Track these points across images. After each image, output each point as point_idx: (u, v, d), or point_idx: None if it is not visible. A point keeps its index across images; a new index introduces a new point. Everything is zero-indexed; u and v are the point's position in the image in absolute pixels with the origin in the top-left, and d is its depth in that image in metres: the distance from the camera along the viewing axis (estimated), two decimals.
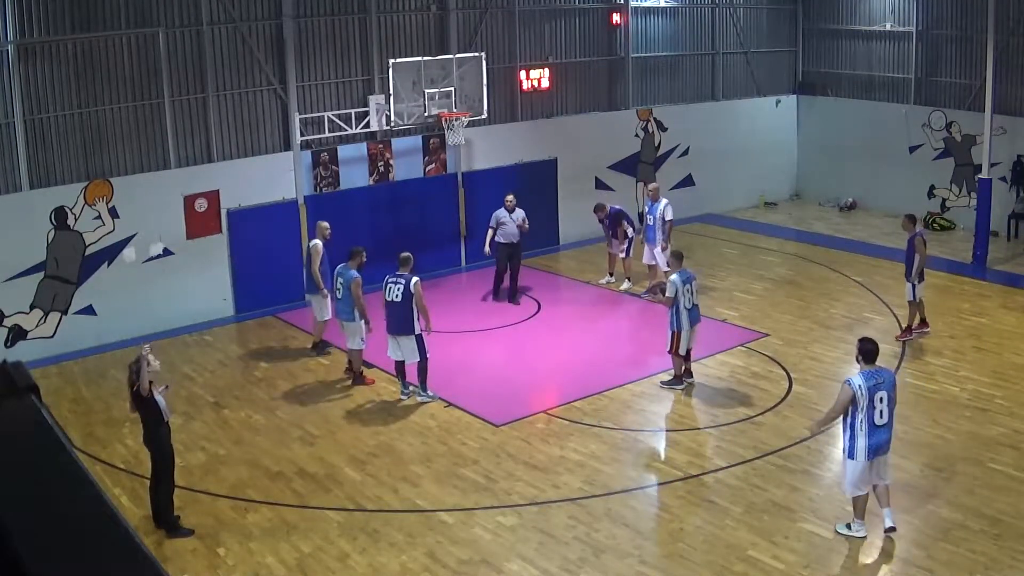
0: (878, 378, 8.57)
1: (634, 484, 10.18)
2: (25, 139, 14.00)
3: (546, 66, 19.34)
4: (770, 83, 23.06)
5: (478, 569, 8.58)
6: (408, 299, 11.84)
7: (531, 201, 19.21)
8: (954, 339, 13.98)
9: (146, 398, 9.03)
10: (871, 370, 8.62)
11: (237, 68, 15.88)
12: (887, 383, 8.59)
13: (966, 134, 20.12)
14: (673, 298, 12.00)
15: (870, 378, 8.53)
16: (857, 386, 8.46)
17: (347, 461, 10.79)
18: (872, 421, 8.46)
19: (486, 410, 11.99)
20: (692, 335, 12.28)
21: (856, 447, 8.52)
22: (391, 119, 16.44)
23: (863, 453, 8.50)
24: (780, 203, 23.12)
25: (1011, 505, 9.30)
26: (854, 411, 8.48)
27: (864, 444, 8.49)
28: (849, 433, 8.57)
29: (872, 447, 8.51)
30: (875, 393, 8.46)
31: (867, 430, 8.47)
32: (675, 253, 12.63)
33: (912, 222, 14.06)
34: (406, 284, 11.85)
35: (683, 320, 12.05)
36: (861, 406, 8.44)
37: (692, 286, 12.22)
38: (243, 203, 15.96)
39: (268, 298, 16.16)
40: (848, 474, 8.74)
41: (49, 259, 14.25)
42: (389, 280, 12.05)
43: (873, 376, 8.56)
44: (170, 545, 9.06)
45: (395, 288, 11.94)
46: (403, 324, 11.95)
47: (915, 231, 13.91)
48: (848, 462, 8.67)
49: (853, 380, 8.54)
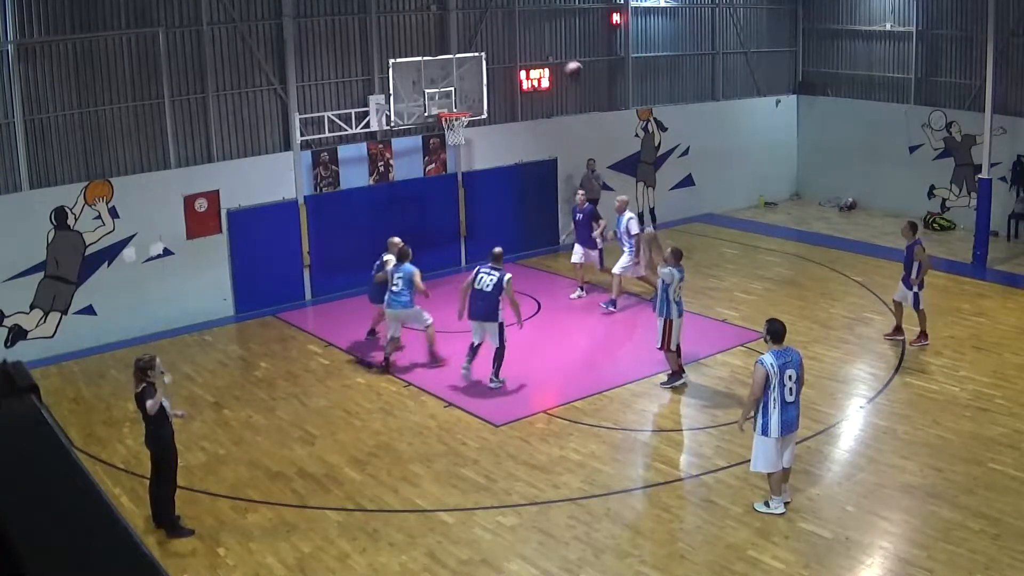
0: (786, 357, 9.03)
1: (634, 484, 10.18)
2: (25, 139, 13.99)
3: (546, 66, 19.35)
4: (770, 83, 23.07)
5: (478, 569, 8.57)
6: (498, 291, 12.71)
7: (531, 201, 19.28)
8: (954, 339, 13.97)
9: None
10: (779, 349, 9.07)
11: (237, 68, 15.88)
12: (794, 362, 9.06)
13: (966, 134, 20.12)
14: (668, 284, 12.04)
15: (779, 357, 8.98)
16: (769, 364, 8.91)
17: (347, 461, 10.79)
18: (783, 398, 8.92)
19: (486, 410, 12.00)
20: (682, 328, 12.38)
21: (770, 424, 8.96)
22: (391, 119, 16.44)
23: (776, 429, 8.95)
24: (780, 203, 23.12)
25: (1011, 505, 9.30)
26: (766, 389, 8.92)
27: (777, 421, 8.94)
28: (762, 411, 8.99)
29: (784, 423, 8.97)
30: (785, 371, 8.93)
31: (779, 407, 8.92)
32: (674, 250, 12.55)
33: (913, 230, 13.97)
34: (499, 278, 12.74)
35: (673, 310, 12.11)
36: (773, 384, 8.88)
37: (682, 285, 12.36)
38: (243, 203, 15.96)
39: (268, 298, 16.16)
40: (760, 452, 9.14)
41: (49, 259, 14.25)
42: (482, 270, 12.89)
43: (782, 355, 9.02)
44: (170, 545, 9.05)
45: (488, 279, 12.79)
46: (490, 312, 12.78)
47: (915, 239, 13.83)
48: (760, 439, 9.08)
49: (764, 359, 9.00)
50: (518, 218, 19.20)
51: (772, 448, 9.04)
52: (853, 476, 9.99)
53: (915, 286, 13.61)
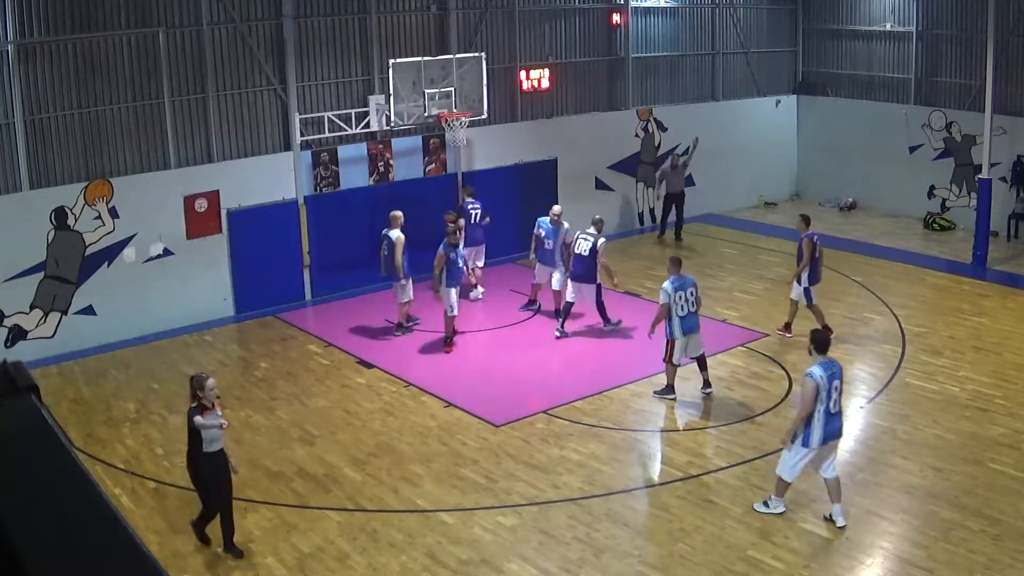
0: (832, 368, 8.82)
1: (634, 484, 10.18)
2: (25, 139, 13.99)
3: (546, 66, 19.34)
4: (770, 83, 23.06)
5: (478, 569, 8.58)
6: (593, 254, 13.84)
7: (531, 201, 19.26)
8: (954, 339, 13.97)
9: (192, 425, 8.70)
10: (826, 360, 8.83)
11: (237, 68, 15.88)
12: (839, 372, 8.88)
13: (966, 134, 20.12)
14: (667, 306, 11.72)
15: (827, 368, 8.76)
16: (819, 376, 8.68)
17: (347, 461, 10.79)
18: (828, 410, 8.71)
19: (486, 410, 12.00)
20: (691, 343, 11.91)
21: (812, 436, 8.75)
22: (391, 119, 16.44)
23: (817, 441, 8.76)
24: (780, 203, 23.11)
25: (1011, 505, 9.30)
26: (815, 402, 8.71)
27: (820, 433, 8.74)
28: (805, 422, 8.76)
29: (827, 434, 8.79)
30: (832, 382, 8.72)
31: (824, 419, 8.71)
32: (673, 259, 12.22)
33: (806, 223, 14.01)
34: (594, 242, 13.88)
35: (675, 328, 11.73)
36: (821, 396, 8.65)
37: (687, 293, 11.80)
38: (243, 203, 15.96)
39: (268, 298, 16.15)
40: (791, 459, 8.92)
41: (49, 259, 14.24)
42: (580, 235, 14.15)
43: (828, 366, 8.79)
44: (170, 545, 9.06)
45: (584, 243, 13.99)
46: (586, 274, 13.96)
47: (807, 232, 13.86)
48: (797, 448, 8.86)
49: (814, 372, 8.74)
50: (518, 218, 19.18)
51: (808, 458, 8.81)
52: (853, 476, 9.98)
53: (799, 280, 13.75)
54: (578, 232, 14.21)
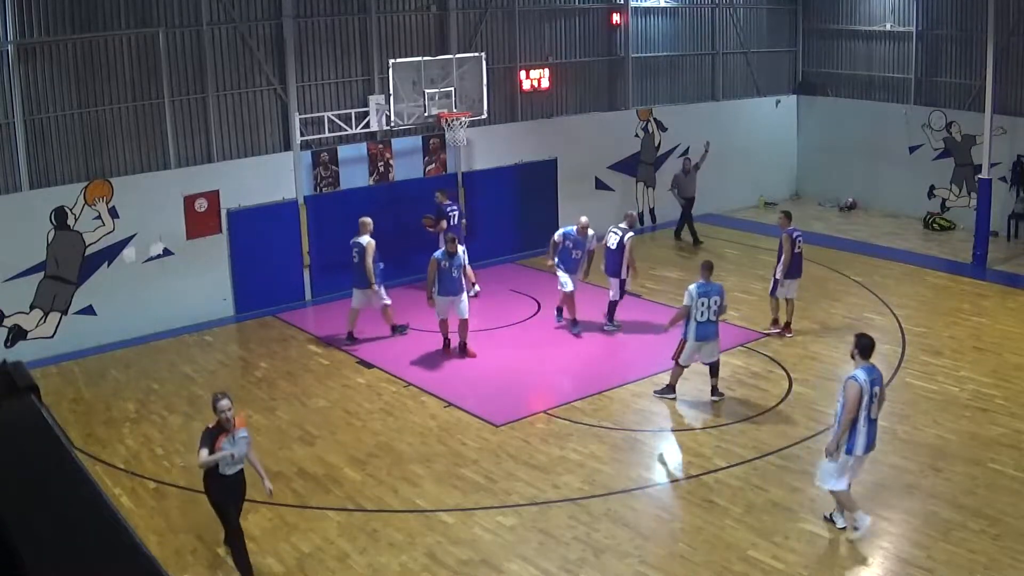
0: (874, 372, 8.61)
1: (634, 484, 10.17)
2: (25, 139, 13.99)
3: (546, 66, 19.34)
4: (770, 83, 23.07)
5: (478, 569, 8.57)
6: (621, 249, 14.03)
7: (531, 201, 19.28)
8: (954, 339, 13.97)
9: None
10: (868, 365, 8.63)
11: (237, 68, 15.88)
12: (880, 378, 8.68)
13: (966, 134, 20.12)
14: (688, 307, 11.69)
15: (869, 373, 8.55)
16: (863, 381, 8.44)
17: (347, 461, 10.79)
18: (870, 415, 8.52)
19: (486, 410, 12.00)
20: (704, 349, 11.80)
21: (856, 443, 8.52)
22: (391, 119, 16.44)
23: (862, 447, 8.55)
24: (780, 203, 23.09)
25: (1011, 505, 9.30)
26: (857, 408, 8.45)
27: (864, 439, 8.52)
28: (850, 430, 8.50)
29: (870, 442, 8.59)
30: (873, 387, 8.51)
31: (867, 425, 8.51)
32: (705, 263, 12.17)
33: (788, 219, 14.41)
34: (622, 236, 14.07)
35: (690, 332, 11.71)
36: (863, 402, 8.44)
37: (711, 301, 11.66)
38: (243, 203, 15.96)
39: (268, 298, 16.16)
40: (835, 469, 8.62)
41: (49, 259, 14.25)
42: (610, 229, 14.37)
43: (871, 371, 8.59)
44: (170, 545, 9.06)
45: (613, 238, 14.20)
46: (612, 268, 14.23)
47: (787, 228, 14.20)
48: (843, 456, 8.57)
49: (858, 376, 8.50)
50: (518, 218, 19.20)
51: (851, 466, 8.59)
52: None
53: (778, 275, 14.06)
54: (609, 227, 14.50)
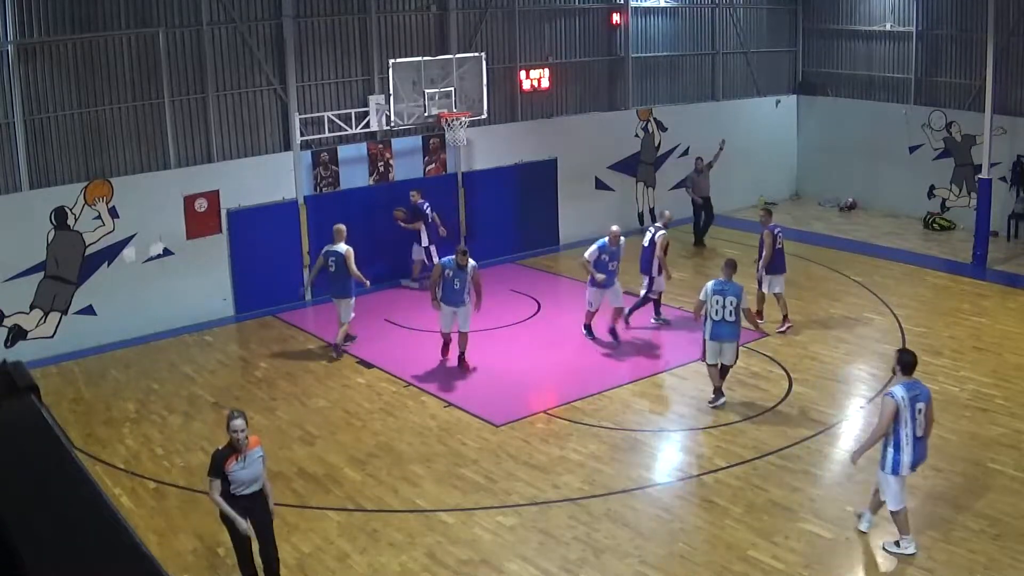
0: (916, 389, 8.39)
1: (634, 484, 10.17)
2: (25, 139, 13.99)
3: (546, 66, 19.34)
4: (770, 83, 23.06)
5: (478, 569, 8.57)
6: (652, 246, 14.41)
7: (531, 201, 19.28)
8: (954, 339, 13.97)
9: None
10: (910, 381, 8.42)
11: (237, 68, 15.88)
12: (924, 395, 8.42)
13: (966, 134, 20.12)
14: (702, 303, 11.65)
15: (910, 389, 8.35)
16: (900, 397, 8.24)
17: (347, 461, 10.79)
18: (915, 433, 8.30)
19: (486, 410, 12.00)
20: (720, 350, 11.65)
21: (901, 461, 8.33)
22: (391, 119, 16.45)
23: (908, 467, 8.36)
24: (780, 203, 23.10)
25: (1011, 505, 9.30)
26: (898, 425, 8.27)
27: (908, 459, 8.33)
28: (894, 448, 8.34)
29: (916, 461, 8.39)
30: (915, 404, 8.29)
31: (912, 443, 8.30)
32: (728, 261, 12.03)
33: (769, 215, 14.84)
34: (653, 234, 14.51)
35: (705, 329, 11.67)
36: (905, 419, 8.24)
37: (726, 301, 11.49)
38: (243, 203, 15.96)
39: (268, 298, 16.15)
40: (892, 489, 8.46)
41: (49, 259, 14.25)
42: (647, 227, 15.02)
43: (912, 387, 8.38)
44: (170, 545, 9.06)
45: (648, 235, 14.64)
46: (644, 264, 14.55)
47: (768, 224, 14.57)
48: (890, 478, 8.42)
49: (895, 392, 8.31)
50: (518, 218, 19.21)
51: (902, 485, 8.45)
52: (853, 476, 9.97)
53: (761, 271, 14.32)
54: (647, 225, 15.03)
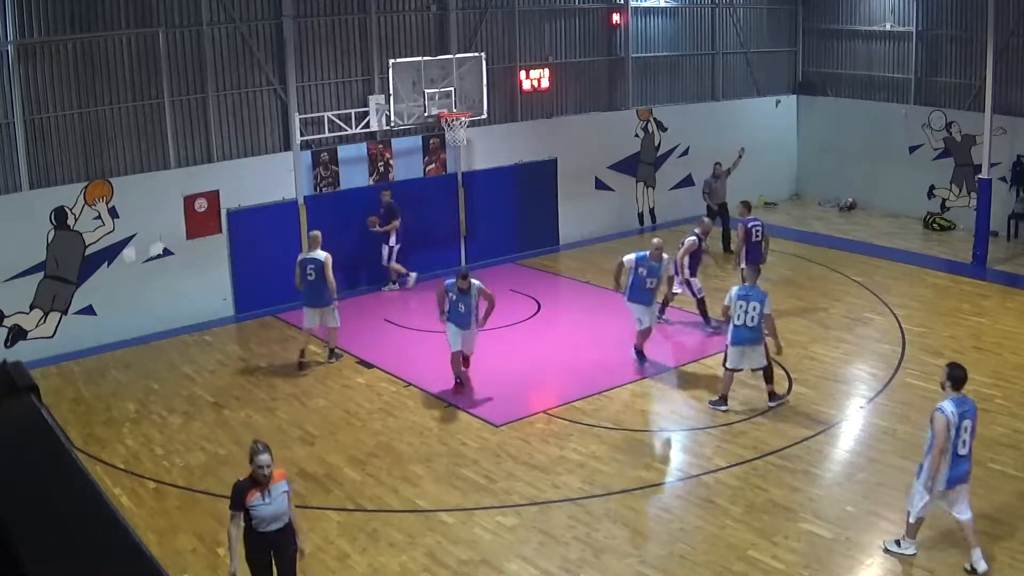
0: (964, 405, 8.19)
1: (634, 484, 10.17)
2: (25, 139, 14.00)
3: (546, 66, 19.34)
4: (770, 83, 23.07)
5: (478, 569, 8.57)
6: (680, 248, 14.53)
7: (531, 201, 19.28)
8: (954, 339, 13.97)
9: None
10: (958, 397, 8.22)
11: (237, 68, 15.88)
12: (971, 411, 8.23)
13: (966, 134, 20.12)
14: (727, 308, 11.62)
15: (959, 405, 8.15)
16: (950, 413, 8.07)
17: (347, 461, 10.79)
18: (956, 451, 8.11)
19: (486, 410, 12.00)
20: (747, 355, 11.52)
21: (938, 476, 8.18)
22: (391, 119, 16.45)
23: (942, 484, 8.20)
24: (780, 203, 23.11)
25: (1011, 505, 9.30)
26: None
27: (944, 475, 8.16)
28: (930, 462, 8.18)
29: (953, 477, 8.21)
30: (962, 421, 8.12)
31: (951, 460, 8.14)
32: (753, 267, 12.14)
33: (747, 208, 15.38)
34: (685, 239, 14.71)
35: (729, 334, 11.65)
36: (949, 435, 8.07)
37: (749, 306, 11.42)
38: (243, 203, 15.96)
39: (268, 298, 16.14)
40: (919, 499, 8.35)
41: (49, 259, 14.25)
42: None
43: (961, 404, 8.18)
44: (170, 545, 9.06)
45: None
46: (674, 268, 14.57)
47: (745, 218, 15.09)
48: (925, 492, 8.28)
49: (945, 408, 8.12)
50: (518, 218, 19.21)
51: (929, 501, 8.29)
52: (853, 476, 9.99)
53: (738, 261, 14.61)
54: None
